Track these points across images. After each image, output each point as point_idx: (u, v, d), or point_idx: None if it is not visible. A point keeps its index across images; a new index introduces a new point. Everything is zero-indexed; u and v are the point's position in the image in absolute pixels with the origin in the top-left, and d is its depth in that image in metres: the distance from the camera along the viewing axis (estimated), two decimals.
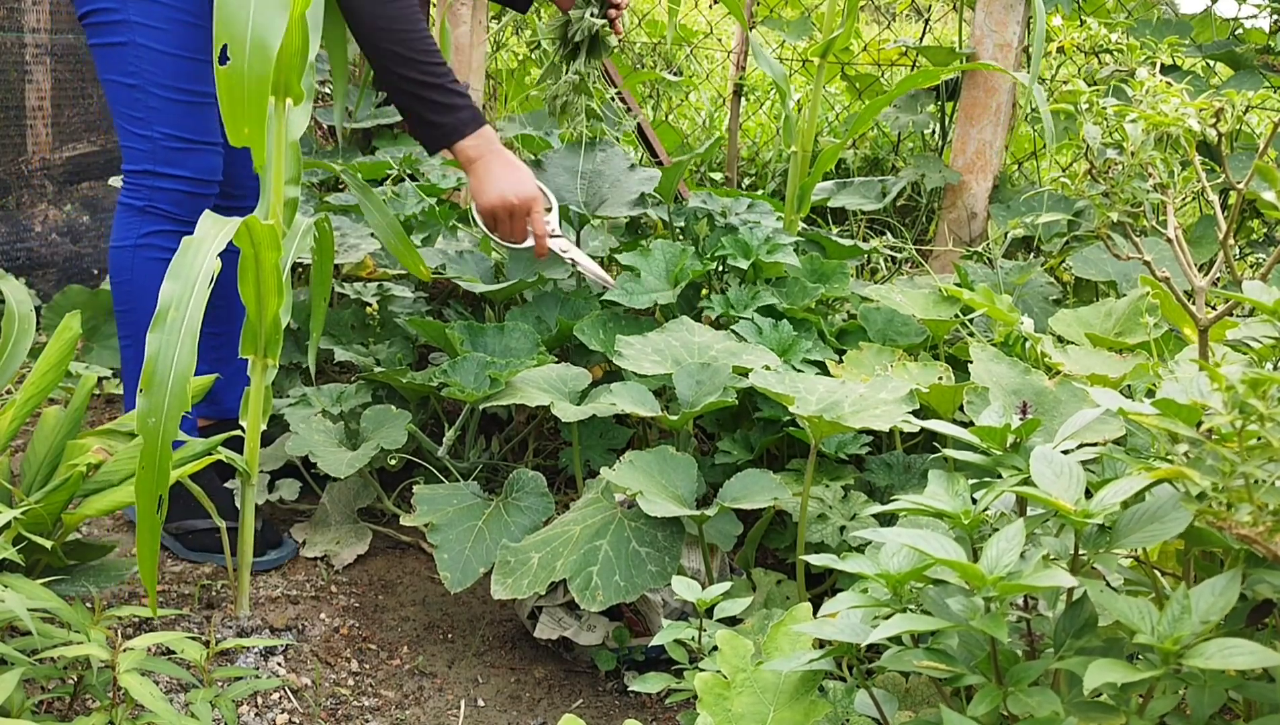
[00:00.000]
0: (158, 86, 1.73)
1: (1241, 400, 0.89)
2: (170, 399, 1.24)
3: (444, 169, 2.90)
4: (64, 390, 2.21)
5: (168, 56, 1.72)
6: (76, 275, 2.86)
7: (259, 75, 1.31)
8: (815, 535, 1.65)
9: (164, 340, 1.25)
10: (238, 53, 1.31)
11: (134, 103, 1.74)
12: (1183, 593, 0.88)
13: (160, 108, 1.74)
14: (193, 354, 1.25)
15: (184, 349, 1.25)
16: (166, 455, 1.24)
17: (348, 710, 1.57)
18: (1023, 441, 1.09)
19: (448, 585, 1.66)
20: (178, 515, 1.86)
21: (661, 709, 1.63)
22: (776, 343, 1.94)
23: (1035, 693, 0.92)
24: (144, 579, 1.29)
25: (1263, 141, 1.30)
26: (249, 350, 1.56)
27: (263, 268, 1.47)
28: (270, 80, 1.33)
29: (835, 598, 1.04)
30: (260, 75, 1.31)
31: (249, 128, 1.34)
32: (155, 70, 1.72)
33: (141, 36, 1.71)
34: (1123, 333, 1.87)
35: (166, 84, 1.73)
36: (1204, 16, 2.85)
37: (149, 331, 1.25)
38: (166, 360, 1.24)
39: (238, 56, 1.31)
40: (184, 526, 1.87)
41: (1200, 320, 1.26)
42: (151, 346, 1.24)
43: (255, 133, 1.34)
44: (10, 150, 2.71)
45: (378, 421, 1.92)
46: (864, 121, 2.54)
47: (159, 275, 1.69)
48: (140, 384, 1.23)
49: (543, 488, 1.76)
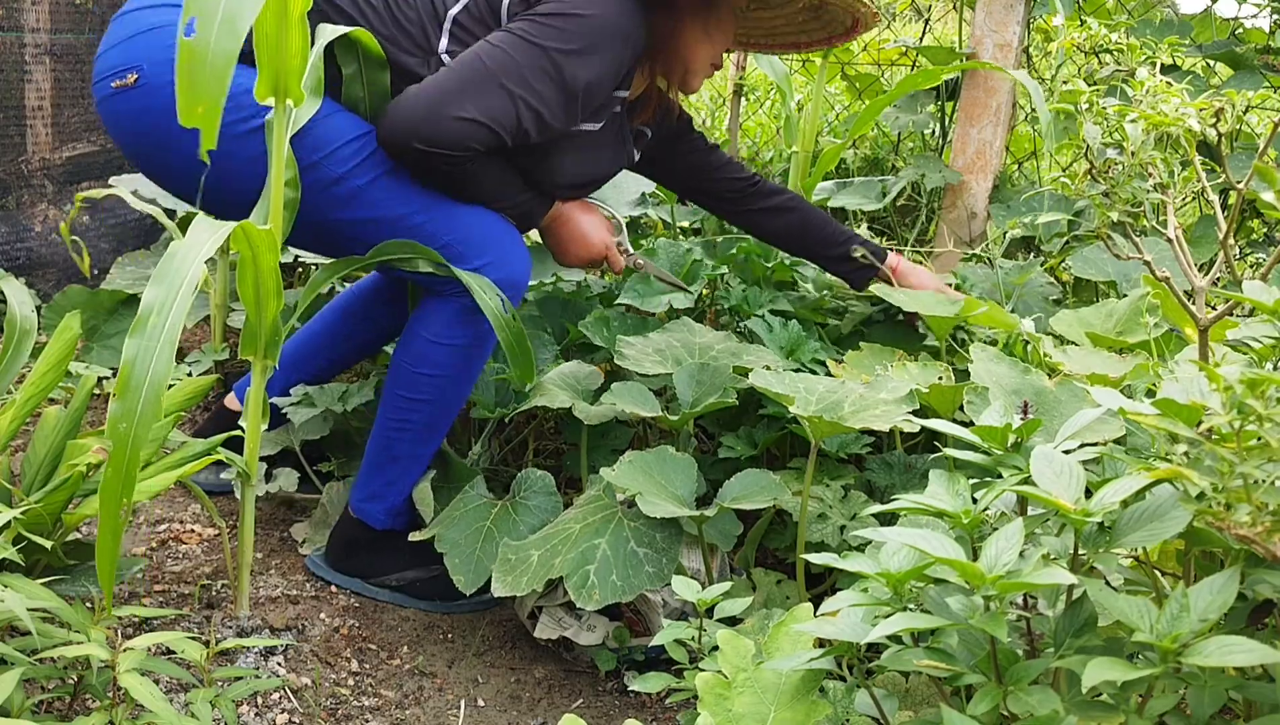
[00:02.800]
0: (405, 211, 1.68)
1: (1240, 400, 0.89)
2: (144, 406, 1.20)
3: None
4: (64, 390, 2.21)
5: (386, 178, 1.67)
6: (76, 275, 2.86)
7: (225, 52, 1.24)
8: (815, 535, 1.65)
9: (143, 346, 1.21)
10: (205, 26, 1.24)
11: (398, 233, 1.68)
12: (1181, 592, 0.88)
13: (424, 225, 1.68)
14: (170, 361, 1.22)
15: (162, 356, 1.22)
16: (135, 463, 1.21)
17: (348, 710, 1.57)
18: (1023, 441, 1.09)
19: (461, 587, 1.67)
20: (394, 566, 1.84)
21: (661, 709, 1.63)
22: (786, 341, 1.95)
23: (1035, 691, 0.92)
24: (102, 585, 1.26)
25: (1263, 141, 1.30)
26: (249, 352, 1.56)
27: (261, 271, 1.47)
28: (234, 60, 1.25)
29: (835, 597, 1.04)
30: (227, 52, 1.24)
31: (203, 107, 1.26)
32: (390, 199, 1.67)
33: (358, 178, 1.65)
34: (1124, 333, 1.87)
35: (412, 201, 1.68)
36: (1204, 16, 2.85)
37: (128, 336, 1.22)
38: (144, 366, 1.21)
39: (205, 30, 1.24)
40: (405, 578, 1.84)
41: (1200, 320, 1.26)
42: (129, 351, 1.21)
43: (210, 114, 1.26)
44: (10, 150, 2.71)
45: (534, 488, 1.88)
46: (864, 122, 2.54)
47: (476, 369, 1.74)
48: (115, 389, 1.21)
49: (550, 487, 1.77)
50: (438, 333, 1.73)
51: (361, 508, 1.83)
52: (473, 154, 1.63)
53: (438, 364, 1.74)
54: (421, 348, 1.74)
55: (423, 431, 1.79)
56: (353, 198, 1.66)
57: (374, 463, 1.81)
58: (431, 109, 1.59)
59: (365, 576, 1.84)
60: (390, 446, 1.80)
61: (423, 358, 1.74)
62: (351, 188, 1.65)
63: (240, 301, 1.69)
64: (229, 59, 1.25)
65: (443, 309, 1.73)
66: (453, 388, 1.77)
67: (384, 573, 1.83)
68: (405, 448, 1.80)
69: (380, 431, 1.80)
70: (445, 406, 1.78)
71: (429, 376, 1.75)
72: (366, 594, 1.83)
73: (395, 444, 1.80)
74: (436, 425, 1.80)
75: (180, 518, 2.01)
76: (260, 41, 1.40)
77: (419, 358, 1.74)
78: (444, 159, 1.62)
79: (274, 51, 1.42)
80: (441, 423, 1.81)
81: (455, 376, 1.76)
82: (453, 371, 1.75)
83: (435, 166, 1.64)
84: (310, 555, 1.90)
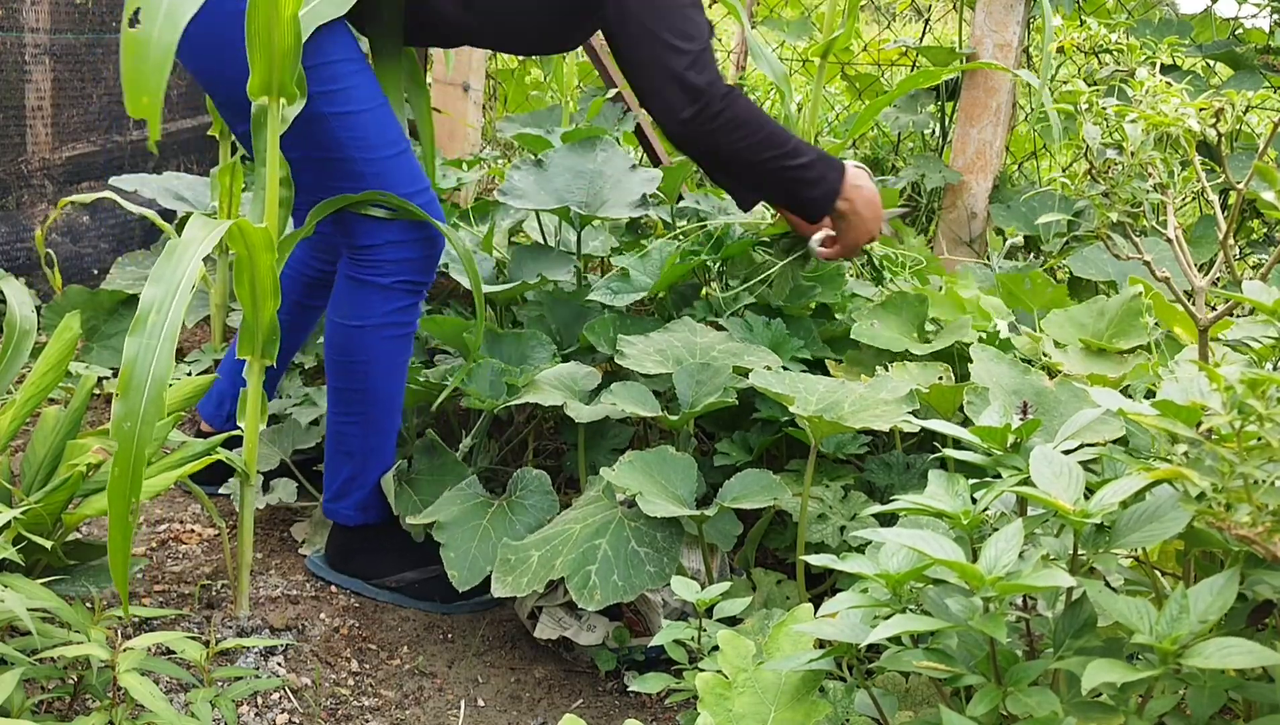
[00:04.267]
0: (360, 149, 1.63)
1: (1240, 401, 0.89)
2: (147, 404, 1.21)
3: (444, 169, 2.89)
4: (64, 390, 2.21)
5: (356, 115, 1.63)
6: (76, 275, 2.86)
7: (166, 43, 1.26)
8: (815, 535, 1.65)
9: (143, 344, 1.22)
10: (150, 17, 1.27)
11: (346, 174, 1.64)
12: (1181, 593, 0.88)
13: (376, 171, 1.65)
14: (171, 359, 1.22)
15: (163, 354, 1.22)
16: (141, 461, 1.22)
17: (348, 710, 1.57)
18: (1023, 441, 1.09)
19: (455, 584, 1.66)
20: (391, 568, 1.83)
21: (661, 709, 1.63)
22: (768, 340, 1.95)
23: (1034, 693, 0.92)
24: (116, 585, 1.27)
25: (1263, 141, 1.30)
26: (246, 351, 1.56)
27: (258, 270, 1.46)
28: (172, 51, 1.27)
29: (835, 598, 1.04)
30: (167, 44, 1.26)
31: (147, 97, 1.28)
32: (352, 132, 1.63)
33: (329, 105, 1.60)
34: (1116, 334, 1.87)
35: (377, 141, 1.64)
36: (1204, 16, 2.85)
37: (128, 336, 1.22)
38: (145, 365, 1.21)
39: (149, 21, 1.27)
40: (403, 579, 1.84)
41: (1200, 320, 1.26)
42: (130, 351, 1.21)
43: (152, 104, 1.28)
44: (10, 150, 2.71)
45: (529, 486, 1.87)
46: (864, 121, 2.54)
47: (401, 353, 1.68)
48: (117, 388, 1.21)
49: (547, 486, 1.77)
50: (347, 314, 1.72)
51: (331, 508, 1.83)
52: None
53: (362, 348, 1.73)
54: (340, 335, 1.73)
55: (367, 422, 1.78)
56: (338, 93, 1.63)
57: (331, 461, 1.81)
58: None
59: (365, 577, 1.84)
60: (341, 442, 1.80)
61: (344, 346, 1.73)
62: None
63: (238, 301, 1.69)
64: (169, 51, 1.27)
65: (356, 292, 1.71)
66: (382, 371, 1.75)
67: (382, 574, 1.83)
68: (356, 442, 1.79)
69: (330, 428, 1.81)
70: (380, 394, 1.76)
71: (355, 363, 1.73)
72: (366, 594, 1.84)
73: (345, 439, 1.79)
74: (378, 414, 1.78)
75: (180, 518, 2.01)
76: (251, 40, 1.40)
77: (341, 347, 1.74)
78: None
79: (265, 49, 1.42)
80: (381, 412, 1.78)
81: (380, 358, 1.74)
82: (377, 354, 1.73)
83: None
84: (310, 556, 1.90)
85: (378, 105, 1.67)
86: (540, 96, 3.95)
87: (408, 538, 1.82)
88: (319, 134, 1.61)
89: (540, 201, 2.23)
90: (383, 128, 1.67)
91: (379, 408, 1.78)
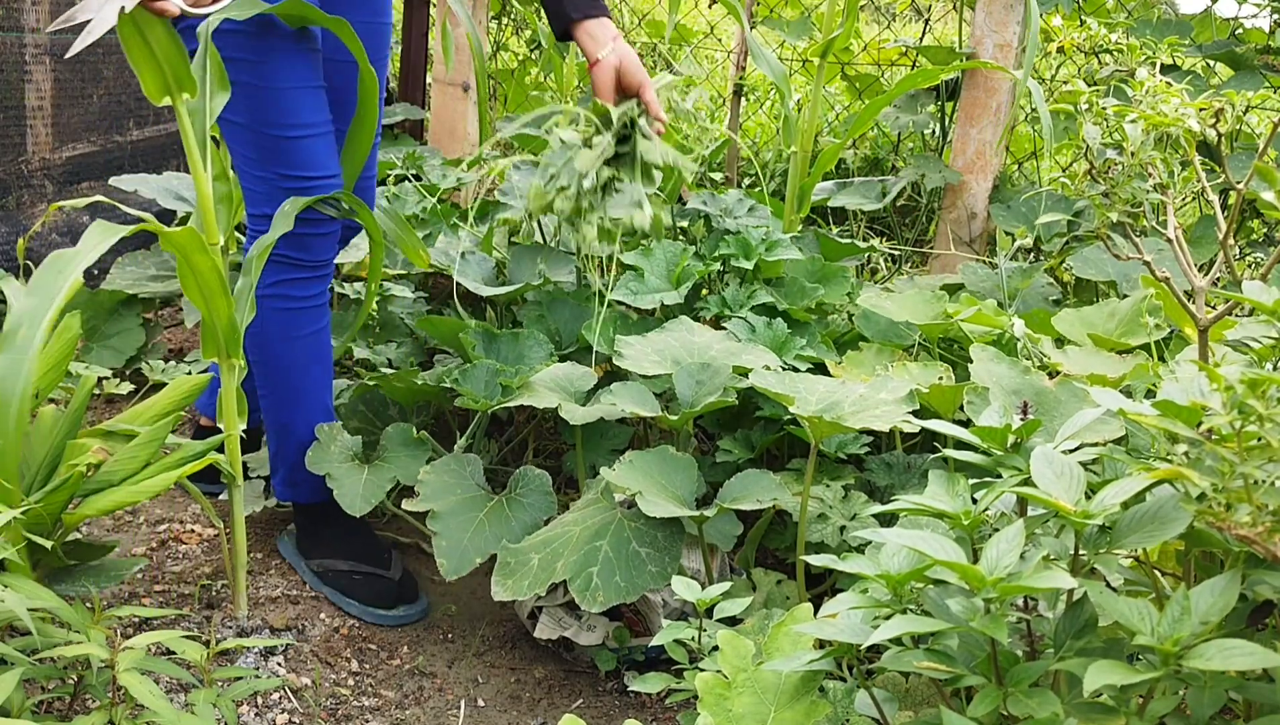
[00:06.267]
0: (266, 125, 1.65)
1: (1240, 401, 0.89)
2: (13, 421, 1.17)
3: (444, 169, 2.90)
4: (64, 390, 2.21)
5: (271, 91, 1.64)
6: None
7: None
8: (815, 535, 1.65)
9: (11, 361, 1.17)
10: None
11: (246, 143, 1.66)
12: (1182, 593, 0.88)
13: (273, 147, 1.66)
14: (31, 377, 1.18)
15: (25, 372, 1.17)
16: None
17: (348, 710, 1.57)
18: (1023, 442, 1.09)
19: (444, 572, 1.65)
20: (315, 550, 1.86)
21: (661, 709, 1.63)
22: (770, 341, 1.95)
23: (1035, 694, 0.92)
24: None
25: (1263, 141, 1.30)
26: (210, 353, 1.55)
27: (198, 272, 1.45)
28: None
29: (835, 598, 1.04)
30: None
31: None
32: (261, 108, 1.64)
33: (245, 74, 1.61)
34: (1125, 333, 1.87)
35: (276, 121, 1.65)
36: (1204, 16, 2.85)
37: None
38: (13, 382, 1.16)
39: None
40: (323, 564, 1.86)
41: (1200, 320, 1.26)
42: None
43: None
44: (10, 150, 2.70)
45: (397, 441, 1.89)
46: (864, 121, 2.54)
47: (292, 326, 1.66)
48: None
49: (546, 486, 1.76)
50: None
51: (272, 485, 1.90)
52: None
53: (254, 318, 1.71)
54: None
55: (274, 395, 1.81)
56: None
57: (268, 437, 1.87)
58: None
59: (305, 556, 1.88)
60: (265, 416, 1.85)
61: None
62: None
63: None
64: None
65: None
66: (276, 343, 1.76)
67: (311, 555, 1.86)
68: (270, 416, 1.83)
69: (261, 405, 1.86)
70: (279, 365, 1.78)
71: (250, 334, 1.74)
72: (305, 577, 1.87)
73: (266, 413, 1.84)
74: (281, 386, 1.80)
75: (180, 518, 2.01)
76: (129, 51, 1.39)
77: None
78: None
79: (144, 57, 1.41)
80: (283, 384, 1.80)
81: (270, 330, 1.75)
82: (266, 325, 1.74)
83: None
84: (281, 534, 1.95)
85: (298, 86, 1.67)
86: (540, 96, 3.94)
87: (355, 529, 1.83)
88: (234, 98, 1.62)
89: None
90: (297, 109, 1.67)
91: (279, 379, 1.80)
